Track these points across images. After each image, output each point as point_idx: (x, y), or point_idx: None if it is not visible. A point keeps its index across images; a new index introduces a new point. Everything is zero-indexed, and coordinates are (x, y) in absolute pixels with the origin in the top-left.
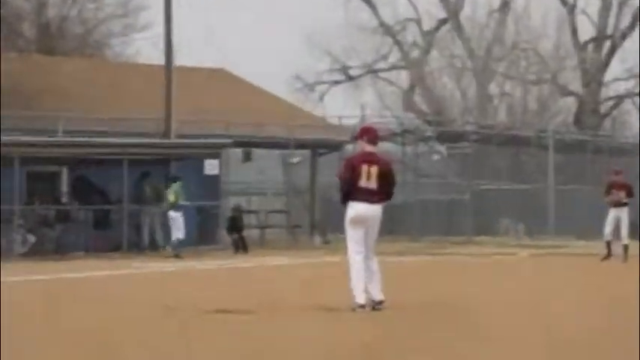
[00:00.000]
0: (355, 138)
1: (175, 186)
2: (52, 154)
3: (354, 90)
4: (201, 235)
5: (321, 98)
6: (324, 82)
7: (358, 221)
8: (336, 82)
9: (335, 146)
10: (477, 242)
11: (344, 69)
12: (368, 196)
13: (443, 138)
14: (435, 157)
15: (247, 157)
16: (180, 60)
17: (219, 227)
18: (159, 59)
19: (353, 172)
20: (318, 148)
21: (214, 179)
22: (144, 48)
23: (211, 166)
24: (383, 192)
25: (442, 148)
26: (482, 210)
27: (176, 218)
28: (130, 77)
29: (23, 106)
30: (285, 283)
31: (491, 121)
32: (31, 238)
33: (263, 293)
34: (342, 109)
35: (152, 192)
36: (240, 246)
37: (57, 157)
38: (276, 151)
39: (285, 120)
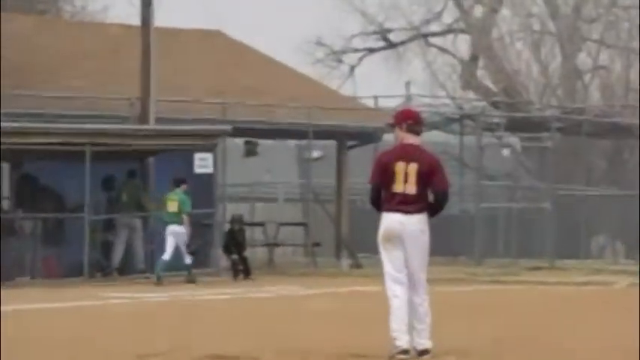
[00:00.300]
0: (391, 125)
1: (180, 192)
2: None
3: (396, 61)
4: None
5: (352, 72)
6: (355, 50)
7: (390, 239)
8: (372, 51)
9: (370, 136)
10: (561, 267)
11: (382, 32)
12: (404, 205)
13: (515, 126)
14: (505, 151)
15: (251, 151)
16: (161, 19)
17: (214, 245)
18: (134, 18)
19: (384, 174)
20: (347, 138)
21: (207, 180)
22: (114, 2)
23: (203, 162)
24: (425, 199)
25: (514, 140)
26: (569, 224)
27: (181, 235)
28: (94, 42)
29: None
30: (301, 321)
31: (581, 104)
32: None
33: (271, 334)
34: (380, 86)
35: (130, 197)
36: (242, 270)
37: None
38: (291, 143)
39: (303, 100)
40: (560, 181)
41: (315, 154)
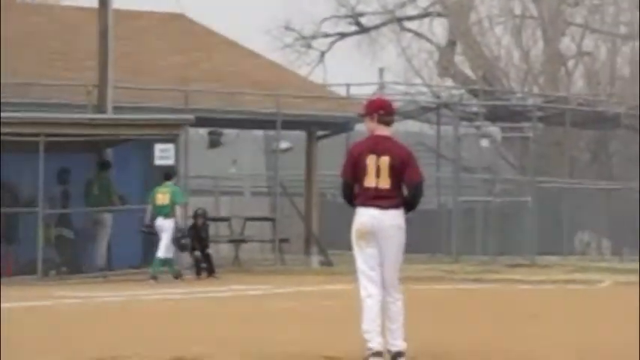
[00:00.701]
0: (362, 115)
1: (171, 185)
2: None
3: (369, 47)
4: (148, 252)
5: (322, 58)
6: (326, 35)
7: (364, 236)
8: (343, 36)
9: (341, 126)
10: (543, 264)
11: (354, 16)
12: (377, 200)
13: (495, 116)
14: (484, 142)
15: (216, 142)
16: (120, 1)
17: (174, 241)
18: (90, 0)
19: (356, 167)
20: (317, 128)
21: (168, 171)
22: None
23: (164, 153)
24: (400, 194)
25: (494, 130)
26: (551, 219)
27: (168, 228)
28: (47, 25)
29: None
30: (268, 321)
31: (565, 92)
32: None
33: (235, 335)
34: (352, 73)
35: (101, 190)
36: (205, 268)
37: None
38: (258, 133)
39: (271, 88)
40: (542, 174)
41: (284, 145)
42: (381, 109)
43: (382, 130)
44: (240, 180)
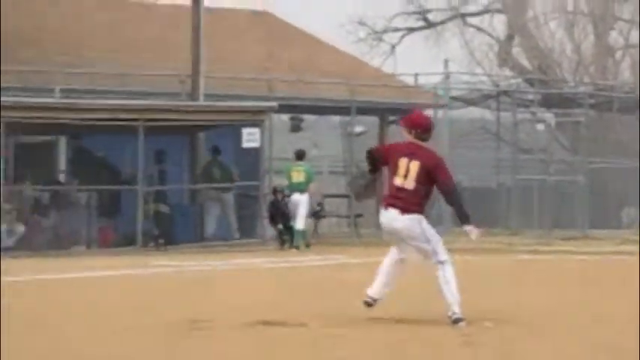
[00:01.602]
0: (401, 126)
1: (304, 164)
2: (47, 120)
3: (435, 40)
4: (243, 226)
5: (392, 50)
6: (396, 30)
7: (386, 233)
8: (412, 30)
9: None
10: (593, 237)
11: (422, 13)
12: (398, 201)
13: (549, 103)
14: (540, 127)
15: (296, 126)
16: (211, 0)
17: (260, 216)
18: None
19: (387, 158)
20: (388, 114)
21: (254, 153)
22: None
23: (250, 137)
24: (421, 197)
25: (549, 116)
26: (600, 195)
27: (304, 202)
28: (147, 21)
29: (9, 58)
30: (345, 287)
31: (613, 80)
32: (20, 228)
33: (317, 300)
34: (420, 64)
35: (223, 172)
36: (288, 240)
37: (53, 123)
38: (335, 119)
39: (346, 78)
40: (593, 155)
41: (358, 129)
42: (419, 128)
43: (419, 144)
44: (319, 160)
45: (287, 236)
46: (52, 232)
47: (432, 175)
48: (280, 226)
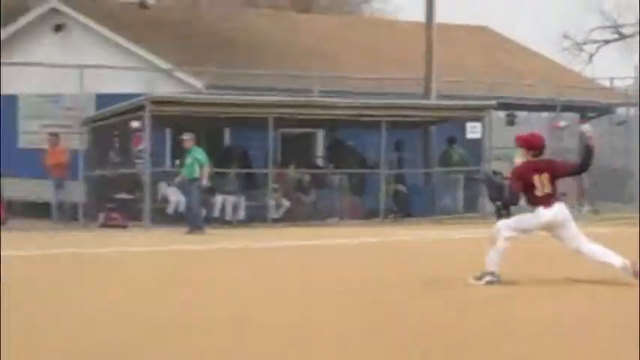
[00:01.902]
0: (518, 145)
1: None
2: (308, 116)
3: (627, 50)
4: (464, 203)
5: (591, 58)
6: (593, 42)
7: (546, 228)
8: (607, 42)
9: (606, 109)
10: None
11: (616, 27)
12: (549, 200)
13: None
14: None
15: (511, 121)
16: (441, 17)
17: (481, 194)
18: (419, 17)
19: (522, 182)
20: (588, 111)
21: (476, 143)
22: (404, 5)
23: (473, 130)
24: (556, 190)
25: None
26: None
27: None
28: (388, 36)
29: (275, 65)
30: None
31: None
32: (286, 203)
33: (533, 265)
34: (613, 70)
35: (461, 157)
36: (505, 214)
37: (313, 118)
38: (543, 115)
39: (552, 81)
40: None
41: (563, 123)
42: (534, 149)
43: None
44: None
45: (504, 211)
46: (312, 207)
47: (558, 175)
48: (498, 203)
